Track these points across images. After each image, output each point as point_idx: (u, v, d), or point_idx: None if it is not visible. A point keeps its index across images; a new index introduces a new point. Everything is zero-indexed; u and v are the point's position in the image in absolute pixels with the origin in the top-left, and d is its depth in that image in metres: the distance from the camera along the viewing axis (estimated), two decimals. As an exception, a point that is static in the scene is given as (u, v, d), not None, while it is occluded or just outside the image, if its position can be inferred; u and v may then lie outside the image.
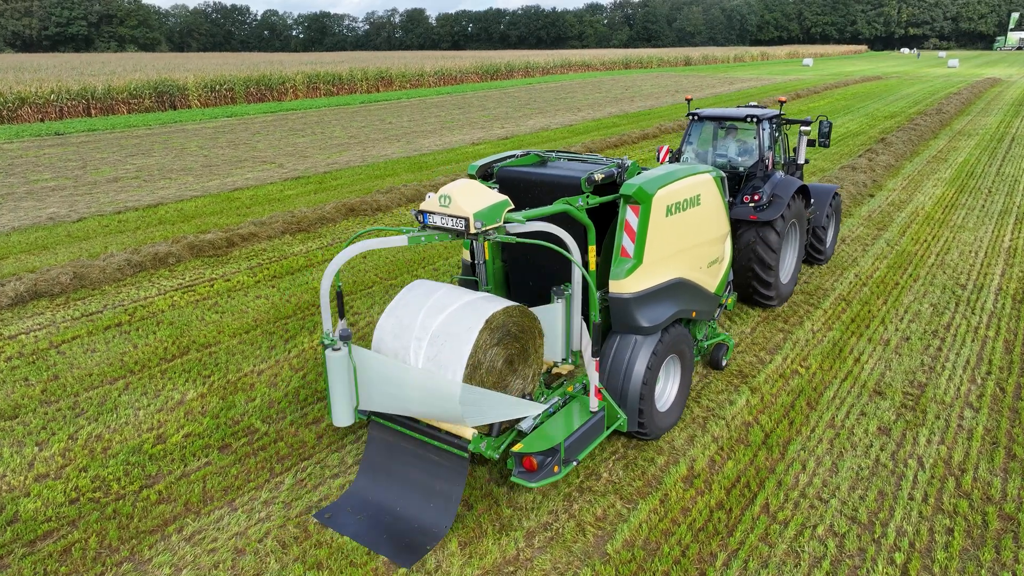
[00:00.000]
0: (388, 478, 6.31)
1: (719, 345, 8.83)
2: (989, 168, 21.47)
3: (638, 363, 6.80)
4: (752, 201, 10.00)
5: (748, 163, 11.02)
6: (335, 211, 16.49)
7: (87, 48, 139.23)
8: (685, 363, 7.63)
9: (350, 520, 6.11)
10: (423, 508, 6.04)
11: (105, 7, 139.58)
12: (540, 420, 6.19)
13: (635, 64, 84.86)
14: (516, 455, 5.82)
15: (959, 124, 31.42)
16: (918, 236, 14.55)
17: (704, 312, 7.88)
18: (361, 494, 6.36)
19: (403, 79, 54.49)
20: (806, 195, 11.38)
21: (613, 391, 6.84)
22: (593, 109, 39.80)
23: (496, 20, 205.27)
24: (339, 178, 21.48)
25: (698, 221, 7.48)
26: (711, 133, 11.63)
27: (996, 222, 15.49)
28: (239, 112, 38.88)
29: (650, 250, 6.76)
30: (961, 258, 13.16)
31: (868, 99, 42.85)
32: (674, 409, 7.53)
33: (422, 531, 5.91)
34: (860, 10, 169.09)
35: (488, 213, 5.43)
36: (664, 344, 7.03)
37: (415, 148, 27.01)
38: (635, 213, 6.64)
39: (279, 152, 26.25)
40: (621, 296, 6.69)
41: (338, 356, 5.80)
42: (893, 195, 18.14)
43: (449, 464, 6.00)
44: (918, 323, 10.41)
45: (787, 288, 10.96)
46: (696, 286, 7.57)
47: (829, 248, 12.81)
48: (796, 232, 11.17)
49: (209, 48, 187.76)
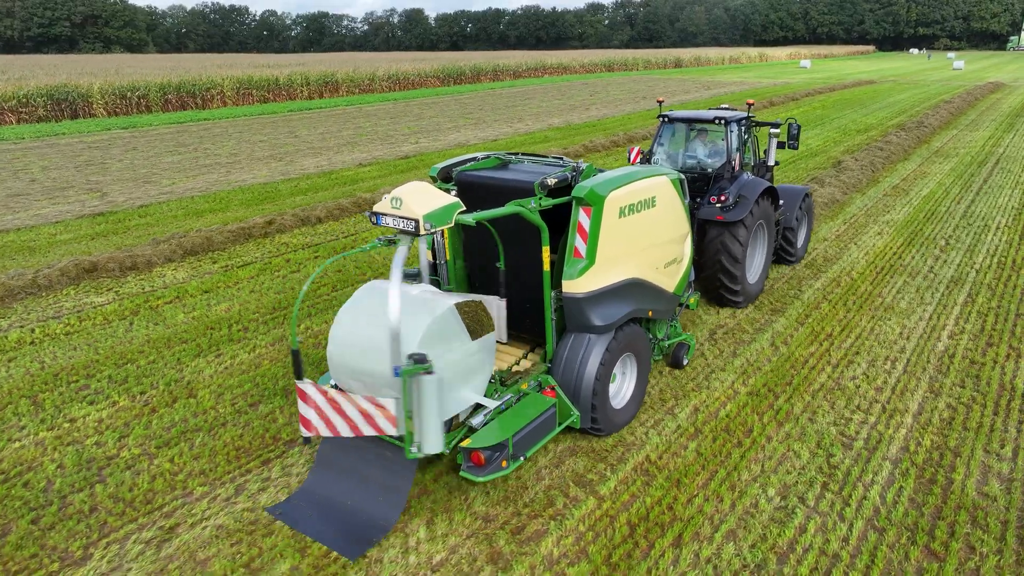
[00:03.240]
0: (340, 473, 6.38)
1: (680, 344, 8.87)
2: (957, 205, 17.07)
3: (591, 361, 6.91)
4: (719, 202, 10.06)
5: (716, 164, 11.01)
6: (60, 275, 12.37)
7: (71, 49, 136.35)
8: (641, 362, 7.72)
9: (302, 514, 6.16)
10: (372, 502, 6.09)
11: (89, 8, 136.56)
12: (491, 416, 6.26)
13: (619, 66, 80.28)
14: (464, 450, 5.94)
15: (939, 141, 26.90)
16: (821, 328, 10.24)
17: (662, 312, 8.00)
18: (313, 489, 6.42)
19: (351, 84, 50.43)
20: (774, 196, 11.27)
21: (567, 388, 6.96)
22: (537, 119, 35.56)
23: (495, 20, 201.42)
24: (148, 215, 17.40)
25: (654, 223, 7.54)
26: (682, 135, 11.68)
27: (940, 300, 11.15)
28: (140, 123, 34.95)
29: (603, 251, 6.85)
30: (866, 377, 8.79)
31: (848, 107, 38.32)
32: (630, 406, 7.62)
33: (370, 524, 5.97)
34: (868, 9, 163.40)
35: (439, 215, 5.49)
36: (618, 343, 7.16)
37: (288, 170, 22.91)
38: (587, 215, 6.73)
39: (120, 178, 22.19)
40: (574, 296, 6.80)
41: (432, 379, 5.32)
42: (819, 249, 13.82)
43: (399, 459, 6.00)
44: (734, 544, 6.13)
45: (755, 288, 11.08)
46: (652, 286, 7.65)
47: (801, 249, 13.01)
48: (764, 233, 11.11)
49: (206, 49, 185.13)
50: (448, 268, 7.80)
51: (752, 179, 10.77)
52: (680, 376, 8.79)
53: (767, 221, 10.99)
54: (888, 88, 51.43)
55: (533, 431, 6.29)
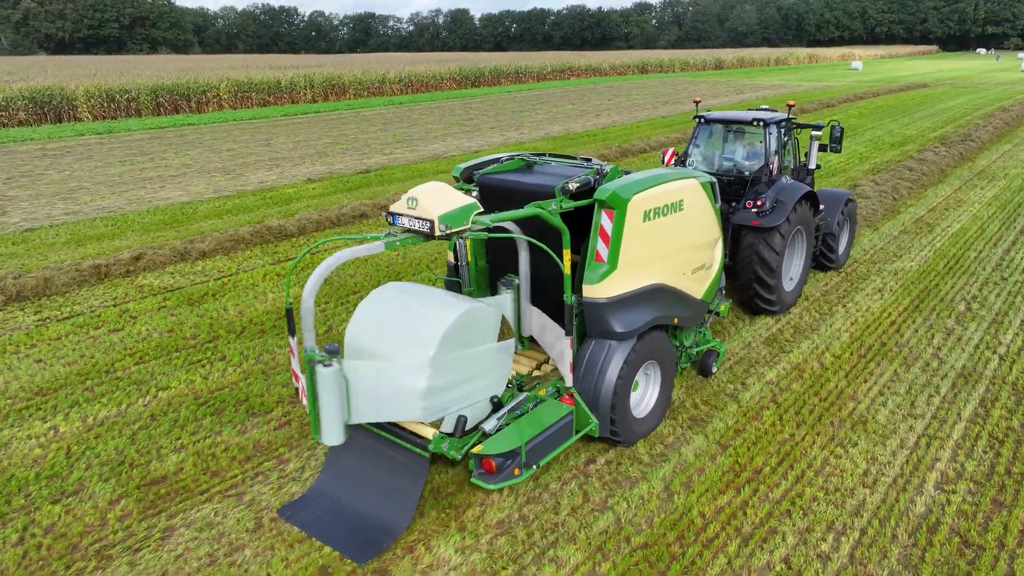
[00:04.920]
0: (350, 476, 6.31)
1: (709, 351, 8.58)
2: (993, 249, 13.51)
3: (611, 369, 6.71)
4: (754, 206, 9.69)
5: (754, 167, 10.63)
6: None
7: (119, 51, 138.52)
8: (665, 370, 7.47)
9: (311, 516, 6.11)
10: (382, 506, 6.04)
11: (137, 9, 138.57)
12: (506, 421, 6.12)
13: (653, 68, 76.29)
14: (476, 456, 5.83)
15: (986, 158, 22.92)
16: (749, 459, 7.05)
17: (689, 319, 7.69)
18: (324, 491, 6.36)
19: (359, 86, 48.22)
20: (814, 201, 10.84)
21: (586, 396, 6.73)
22: (537, 127, 32.58)
23: (540, 21, 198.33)
24: (25, 241, 15.09)
25: (681, 227, 7.23)
26: (719, 136, 11.31)
27: (938, 410, 7.85)
28: (119, 128, 33.20)
29: (625, 255, 6.63)
30: (787, 571, 5.67)
31: (889, 115, 34.19)
32: (653, 415, 7.40)
33: (381, 528, 5.92)
34: (932, 7, 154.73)
35: (455, 216, 5.41)
36: (640, 350, 6.93)
37: (226, 186, 20.48)
38: (609, 218, 6.52)
39: (40, 192, 20.09)
40: (594, 301, 6.59)
41: (330, 372, 5.38)
42: (792, 316, 10.59)
43: (410, 463, 5.99)
44: None
45: (791, 296, 10.69)
46: (678, 292, 7.38)
47: (842, 255, 12.49)
48: (802, 239, 10.72)
49: (255, 50, 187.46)
50: (469, 269, 7.69)
51: (791, 183, 10.35)
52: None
53: (806, 227, 10.58)
54: (941, 93, 46.66)
55: (548, 439, 6.13)
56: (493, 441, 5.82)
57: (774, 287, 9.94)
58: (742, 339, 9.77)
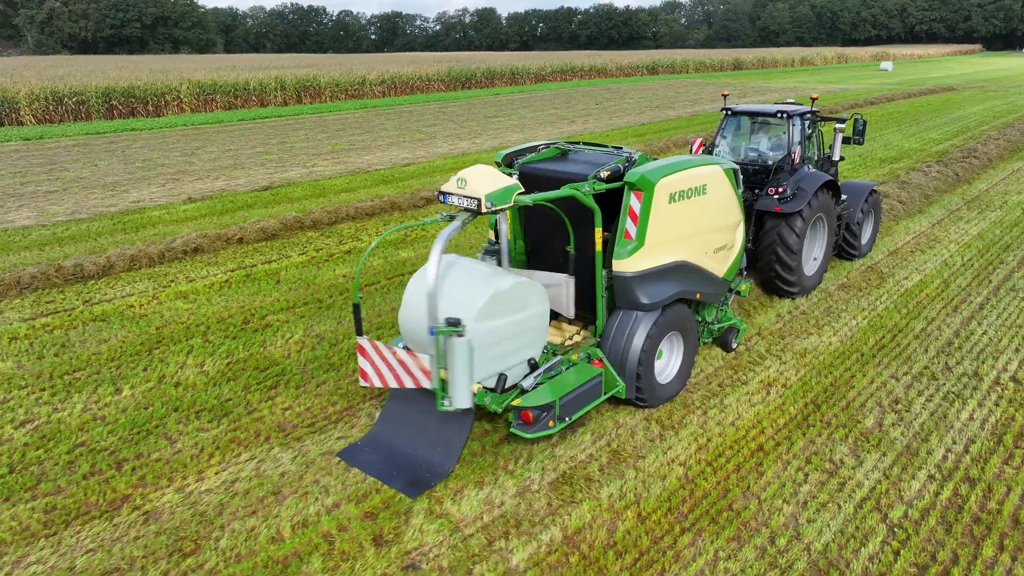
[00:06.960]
0: (403, 425, 7.02)
1: (730, 328, 9.01)
2: (951, 316, 10.16)
3: (637, 336, 7.28)
4: (776, 193, 10.13)
5: (777, 157, 11.04)
6: None
7: (142, 50, 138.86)
8: (688, 341, 7.98)
9: (367, 458, 6.84)
10: (431, 451, 6.69)
11: (160, 9, 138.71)
12: (541, 380, 6.81)
13: (665, 69, 72.37)
14: (515, 408, 6.56)
15: (986, 181, 19.21)
16: None
17: (710, 295, 8.20)
18: (379, 437, 7.08)
19: (335, 89, 45.68)
20: (835, 190, 11.05)
21: (614, 361, 7.34)
22: (498, 135, 29.54)
23: (567, 20, 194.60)
24: None
25: (704, 209, 7.74)
26: (745, 128, 11.81)
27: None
28: (52, 133, 31.05)
29: (652, 233, 7.19)
30: None
31: (895, 124, 30.37)
32: (675, 382, 7.91)
33: (429, 470, 6.56)
34: (975, 4, 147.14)
35: (499, 195, 6.12)
36: (664, 320, 7.47)
37: (95, 206, 17.90)
38: (638, 199, 7.08)
39: None
40: (623, 274, 7.20)
41: (463, 341, 5.90)
42: (608, 433, 7.51)
43: (455, 415, 6.57)
44: None
45: (812, 280, 10.98)
46: (701, 269, 7.89)
47: (865, 246, 12.81)
48: (824, 226, 11.03)
49: (283, 49, 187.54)
50: (508, 247, 7.96)
51: (812, 172, 10.68)
52: None
53: (827, 215, 10.89)
54: (966, 97, 42.35)
55: (579, 396, 6.76)
56: (531, 395, 6.57)
57: (795, 270, 10.36)
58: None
